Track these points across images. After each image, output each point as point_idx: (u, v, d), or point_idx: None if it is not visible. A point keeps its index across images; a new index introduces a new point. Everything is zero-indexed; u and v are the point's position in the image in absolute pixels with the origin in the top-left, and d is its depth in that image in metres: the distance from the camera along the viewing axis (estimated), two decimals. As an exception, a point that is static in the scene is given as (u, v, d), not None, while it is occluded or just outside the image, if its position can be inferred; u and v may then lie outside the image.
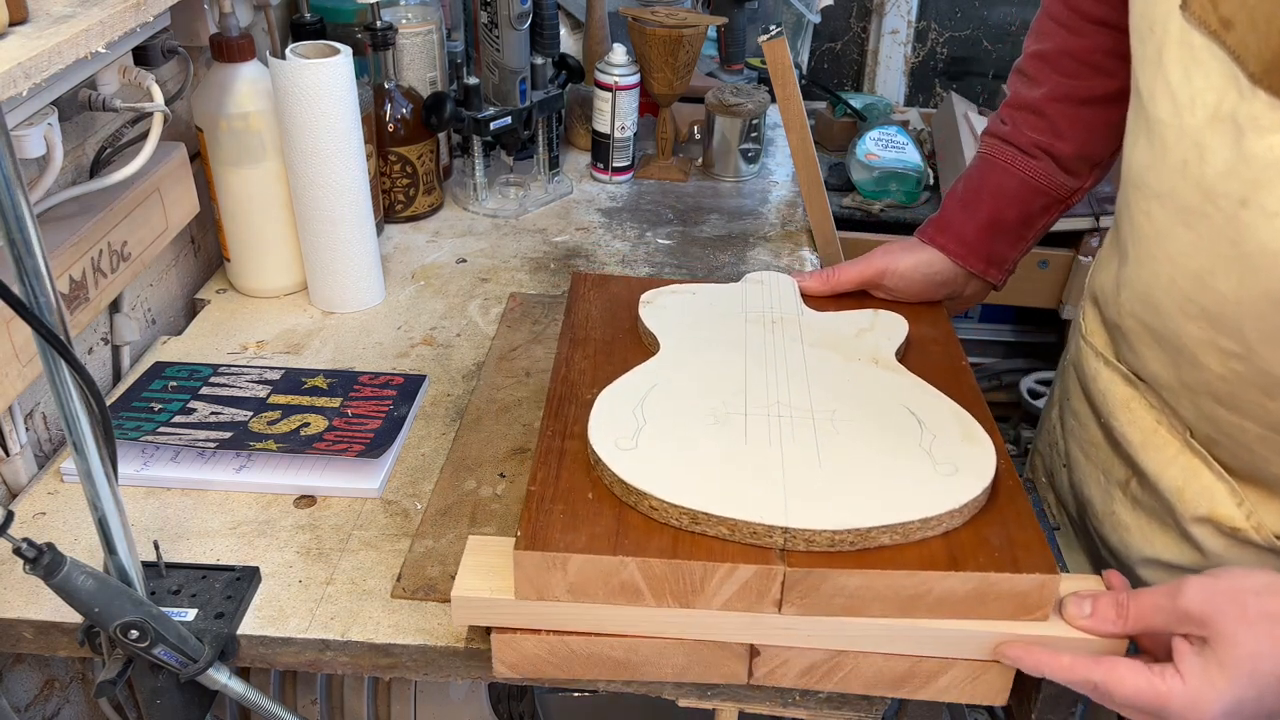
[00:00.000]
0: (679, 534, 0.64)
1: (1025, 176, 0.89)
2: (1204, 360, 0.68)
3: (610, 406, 0.73)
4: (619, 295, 0.91)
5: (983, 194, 0.90)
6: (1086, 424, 0.87)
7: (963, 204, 0.91)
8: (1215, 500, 0.73)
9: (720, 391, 0.75)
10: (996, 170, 0.90)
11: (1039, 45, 0.89)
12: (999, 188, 0.89)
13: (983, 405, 0.76)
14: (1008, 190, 0.89)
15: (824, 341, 0.82)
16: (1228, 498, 0.72)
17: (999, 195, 0.89)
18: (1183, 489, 0.75)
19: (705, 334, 0.83)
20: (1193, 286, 0.66)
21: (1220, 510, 0.73)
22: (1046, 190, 0.89)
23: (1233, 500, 0.72)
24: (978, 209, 0.90)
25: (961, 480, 0.66)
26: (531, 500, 0.66)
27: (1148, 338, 0.74)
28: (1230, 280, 0.63)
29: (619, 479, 0.66)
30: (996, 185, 0.90)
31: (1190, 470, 0.74)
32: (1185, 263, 0.66)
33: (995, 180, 0.90)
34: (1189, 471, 0.74)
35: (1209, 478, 0.73)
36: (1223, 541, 0.74)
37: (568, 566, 0.62)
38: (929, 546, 0.63)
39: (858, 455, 0.68)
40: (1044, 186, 0.89)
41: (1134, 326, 0.76)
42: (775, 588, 0.62)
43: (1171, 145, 0.65)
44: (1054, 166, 0.88)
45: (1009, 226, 0.90)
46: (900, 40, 2.22)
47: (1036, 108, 0.88)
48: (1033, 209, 0.90)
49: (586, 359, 0.82)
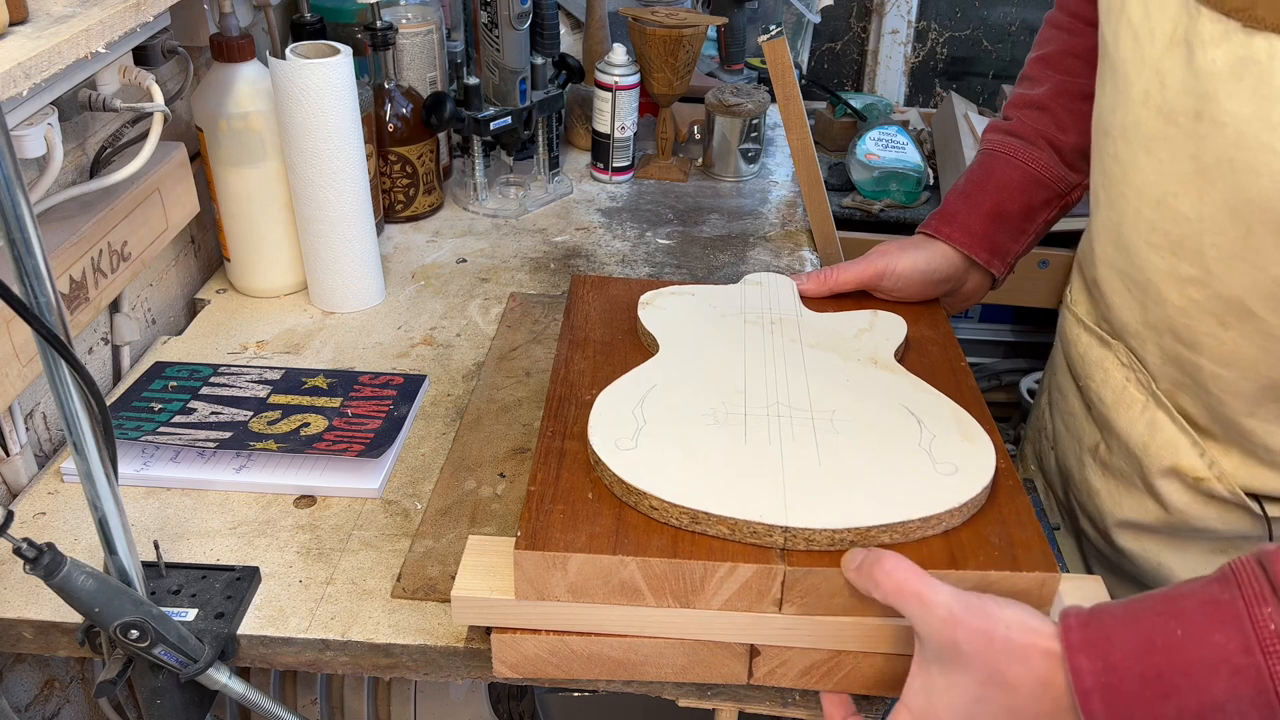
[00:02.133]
0: (679, 534, 0.64)
1: (1028, 168, 0.91)
2: (1166, 293, 0.72)
3: (610, 407, 0.73)
4: (618, 297, 0.91)
5: (987, 185, 0.92)
6: (1067, 394, 0.91)
7: (966, 195, 0.93)
8: (1179, 452, 0.77)
9: (720, 392, 0.75)
10: (1000, 162, 0.92)
11: (1041, 51, 0.93)
12: (1002, 179, 0.91)
13: (982, 405, 0.76)
14: (1011, 181, 0.91)
15: (823, 342, 0.82)
16: (1190, 449, 0.76)
17: (1002, 186, 0.91)
18: (1148, 443, 0.79)
19: (704, 335, 0.83)
20: (1156, 213, 0.70)
21: (1184, 462, 0.76)
22: (1048, 182, 0.91)
23: (1195, 452, 0.76)
24: (981, 199, 0.91)
25: (961, 479, 0.66)
26: (531, 500, 0.66)
27: (1117, 282, 0.78)
28: (1191, 198, 0.67)
29: (619, 479, 0.66)
30: (1000, 176, 0.91)
31: (1155, 424, 0.78)
32: (1149, 190, 0.70)
33: (999, 171, 0.92)
34: (1154, 426, 0.78)
35: (1172, 430, 0.77)
36: (1188, 496, 0.77)
37: (568, 566, 0.62)
38: (929, 545, 0.63)
39: (857, 455, 0.68)
40: (1046, 179, 0.90)
41: (1106, 275, 0.80)
42: (775, 587, 0.62)
43: (1134, 79, 0.69)
44: (1056, 159, 0.90)
45: (1012, 217, 0.91)
46: (900, 40, 2.22)
47: (1039, 104, 0.91)
48: (1035, 201, 0.91)
49: (586, 360, 0.82)
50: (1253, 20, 0.59)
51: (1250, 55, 0.60)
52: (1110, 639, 0.53)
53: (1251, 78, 0.60)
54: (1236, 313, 0.68)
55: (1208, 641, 0.51)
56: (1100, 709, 0.52)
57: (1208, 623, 0.51)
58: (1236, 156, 0.63)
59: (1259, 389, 0.70)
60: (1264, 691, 0.49)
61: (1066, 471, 0.92)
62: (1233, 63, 0.61)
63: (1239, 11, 0.60)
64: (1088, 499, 0.88)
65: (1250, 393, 0.71)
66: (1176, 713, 0.51)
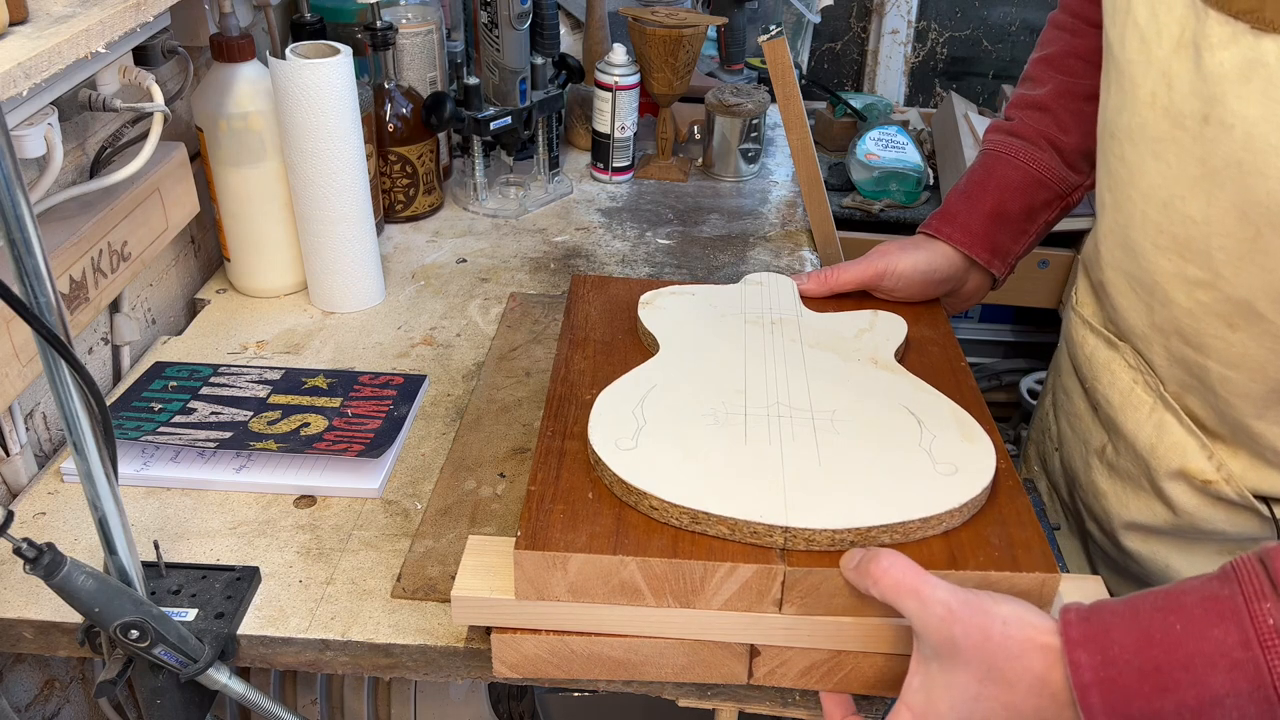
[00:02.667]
0: (679, 533, 0.64)
1: (1029, 168, 0.91)
2: (1173, 295, 0.72)
3: (610, 407, 0.73)
4: (618, 296, 0.91)
5: (988, 185, 0.92)
6: (1073, 396, 0.90)
7: (967, 195, 0.93)
8: (1187, 454, 0.76)
9: (720, 392, 0.75)
10: (1001, 162, 0.92)
11: (1043, 52, 0.93)
12: (1004, 179, 0.91)
13: (982, 405, 0.76)
14: (1012, 181, 0.91)
15: (823, 342, 0.82)
16: (1198, 451, 0.75)
17: (1004, 186, 0.91)
18: (1156, 445, 0.78)
19: (705, 335, 0.83)
20: (1163, 216, 0.70)
21: (1192, 464, 0.76)
22: (1049, 183, 0.91)
23: (1203, 454, 0.75)
24: (982, 199, 0.92)
25: (961, 480, 0.66)
26: (531, 500, 0.66)
27: (1123, 284, 0.78)
28: (1199, 201, 0.66)
29: (619, 479, 0.66)
30: (1001, 177, 0.92)
31: (1163, 426, 0.78)
32: (1156, 193, 0.70)
33: (1000, 172, 0.92)
34: (1162, 428, 0.78)
35: (1180, 433, 0.76)
36: (1196, 498, 0.77)
37: (568, 566, 0.62)
38: (929, 546, 0.63)
39: (857, 455, 0.68)
40: (1047, 179, 0.91)
41: (1113, 277, 0.79)
42: (775, 587, 0.62)
43: (1140, 81, 0.69)
44: (1057, 160, 0.91)
45: (1013, 218, 0.91)
46: (900, 40, 2.22)
47: (1041, 104, 0.91)
48: (1036, 202, 0.91)
49: (586, 360, 0.82)
50: (1261, 22, 0.59)
51: (1259, 57, 0.60)
52: (1109, 634, 0.53)
53: (1260, 80, 0.60)
54: (1245, 315, 0.68)
55: (1207, 636, 0.51)
56: (1099, 703, 0.52)
57: (1207, 618, 0.51)
58: (1245, 159, 0.62)
59: (1267, 391, 0.70)
60: (1262, 686, 0.49)
61: (1072, 473, 0.92)
62: (1241, 65, 0.61)
63: (1247, 14, 0.60)
64: (1094, 501, 0.87)
65: (1258, 395, 0.70)
66: (1175, 707, 0.51)
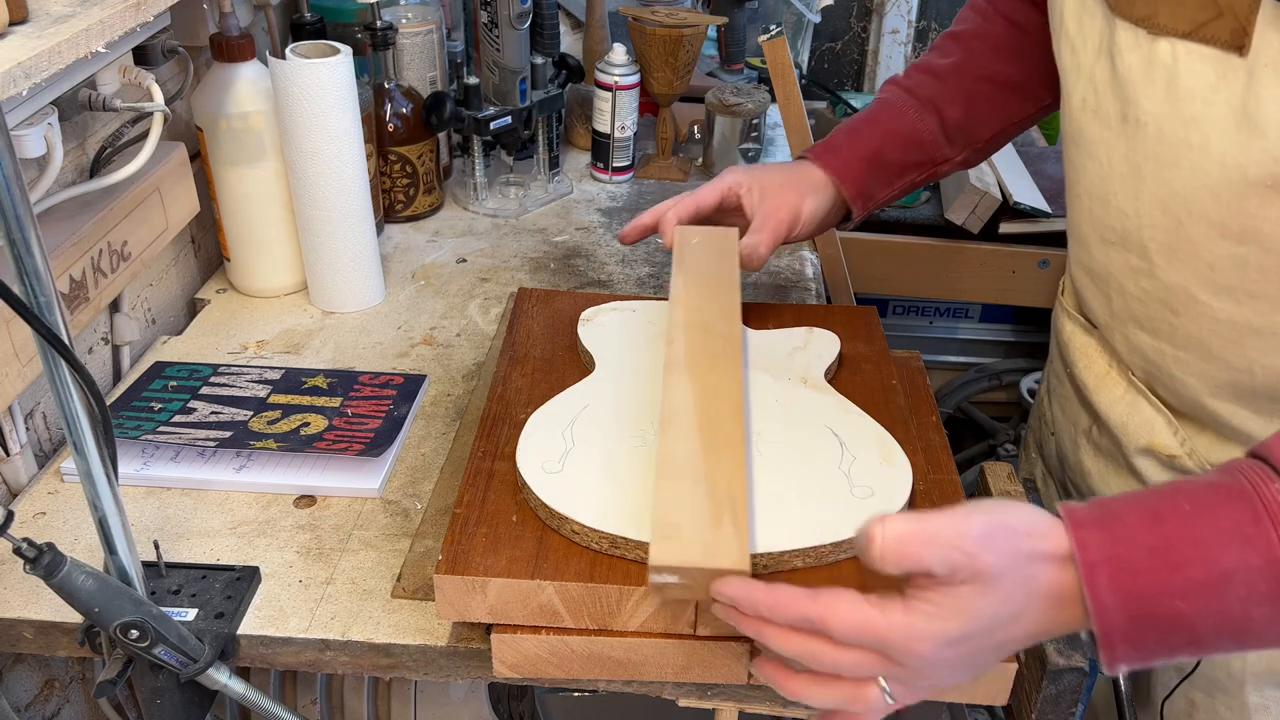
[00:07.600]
0: (598, 557, 0.64)
1: (913, 126, 0.94)
2: (1124, 285, 0.76)
3: (541, 427, 0.73)
4: (562, 311, 0.91)
5: (874, 129, 0.95)
6: (1062, 379, 0.94)
7: (852, 134, 0.95)
8: (1154, 431, 0.79)
9: (651, 413, 0.74)
10: (890, 112, 0.95)
11: (955, 29, 0.98)
12: (888, 128, 0.94)
13: (907, 426, 0.77)
14: (895, 132, 0.94)
15: (756, 361, 0.82)
16: (1165, 428, 0.78)
17: (887, 134, 0.94)
18: (1126, 423, 0.81)
19: (641, 354, 0.82)
20: (1104, 211, 0.74)
21: (1159, 440, 0.79)
22: (925, 146, 0.94)
23: (1169, 430, 0.78)
24: (866, 140, 0.94)
25: (876, 503, 0.66)
26: (455, 523, 0.66)
27: (1084, 277, 0.82)
28: (1129, 195, 0.71)
29: (543, 503, 0.66)
30: (886, 125, 0.95)
31: (1133, 406, 0.81)
32: (1095, 190, 0.75)
33: (886, 120, 0.95)
34: (1132, 407, 0.81)
35: (1149, 411, 0.79)
36: (1164, 474, 0.80)
37: (487, 590, 0.63)
38: (840, 570, 0.64)
39: (778, 478, 0.68)
40: (925, 142, 0.94)
41: (1077, 272, 0.83)
42: (689, 610, 0.63)
43: (1073, 88, 0.75)
44: (939, 128, 0.94)
45: (887, 166, 0.94)
46: (900, 40, 2.22)
47: (938, 73, 0.96)
48: (909, 160, 0.95)
49: (524, 378, 0.82)
50: (1155, 27, 0.65)
51: (1157, 58, 0.65)
52: (1116, 515, 0.53)
53: (1161, 80, 0.65)
54: (1182, 300, 0.71)
55: (1217, 513, 0.51)
56: (1106, 581, 0.51)
57: (1215, 498, 0.52)
58: (1159, 153, 0.67)
59: (1215, 370, 0.72)
60: (1273, 562, 0.50)
61: (1063, 456, 0.94)
62: (1144, 67, 0.66)
63: (1144, 20, 0.66)
64: (1081, 480, 0.90)
65: (1209, 374, 0.73)
66: (1184, 584, 0.50)
